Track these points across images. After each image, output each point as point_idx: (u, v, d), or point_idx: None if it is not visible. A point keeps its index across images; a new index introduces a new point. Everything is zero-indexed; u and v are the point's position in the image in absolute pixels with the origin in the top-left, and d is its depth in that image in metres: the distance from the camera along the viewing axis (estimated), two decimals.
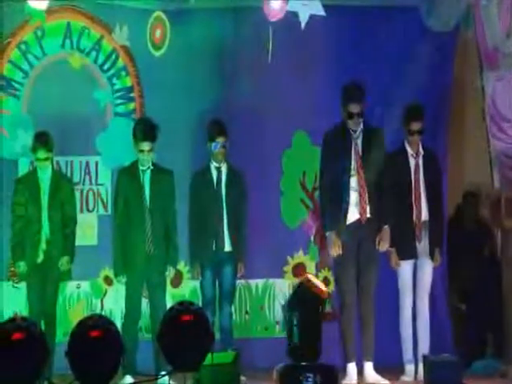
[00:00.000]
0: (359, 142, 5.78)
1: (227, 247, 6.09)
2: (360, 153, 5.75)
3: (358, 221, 5.73)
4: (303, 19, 6.08)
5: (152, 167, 5.98)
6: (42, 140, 5.92)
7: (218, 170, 6.18)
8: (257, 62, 6.61)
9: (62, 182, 6.10)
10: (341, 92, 5.78)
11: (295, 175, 6.81)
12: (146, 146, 5.89)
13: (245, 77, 6.71)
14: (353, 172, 5.72)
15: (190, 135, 6.70)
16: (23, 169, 6.57)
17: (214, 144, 6.05)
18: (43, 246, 5.92)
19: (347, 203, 5.69)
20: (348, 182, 5.71)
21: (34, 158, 6.03)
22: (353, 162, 5.73)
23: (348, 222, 5.71)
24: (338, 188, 5.74)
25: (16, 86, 6.74)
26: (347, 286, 5.71)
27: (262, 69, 6.62)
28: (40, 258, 5.89)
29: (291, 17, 6.18)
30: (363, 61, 6.56)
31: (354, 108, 5.69)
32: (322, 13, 6.17)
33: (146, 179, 5.95)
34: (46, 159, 5.95)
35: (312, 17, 6.17)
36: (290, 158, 6.81)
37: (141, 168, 5.95)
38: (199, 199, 6.12)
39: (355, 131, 5.77)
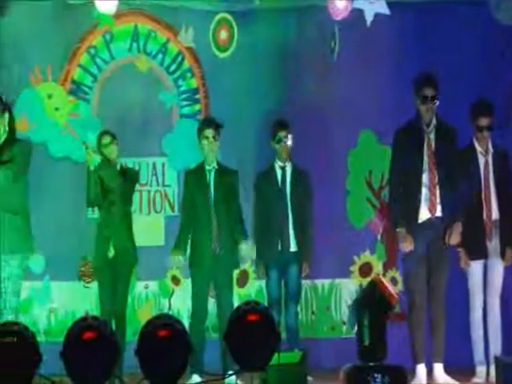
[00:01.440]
0: (432, 137, 5.65)
1: (293, 247, 6.04)
2: (433, 149, 5.63)
3: (429, 219, 5.61)
4: (368, 18, 6.01)
5: (217, 167, 5.96)
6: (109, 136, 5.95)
7: (283, 169, 6.14)
8: (321, 61, 6.55)
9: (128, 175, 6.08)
10: (413, 84, 5.64)
11: (361, 174, 6.70)
12: (209, 132, 5.84)
13: (310, 76, 6.64)
14: (425, 168, 5.60)
15: (254, 135, 6.69)
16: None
17: (277, 138, 6.03)
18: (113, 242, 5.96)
19: (418, 200, 5.58)
20: (420, 179, 5.60)
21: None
22: (425, 158, 5.60)
23: (419, 220, 5.60)
24: (409, 185, 5.63)
25: (86, 89, 6.83)
26: (417, 286, 5.58)
27: (327, 68, 6.55)
28: (111, 255, 5.92)
29: (356, 15, 6.12)
30: (429, 57, 6.43)
31: (429, 92, 5.53)
32: (386, 11, 6.10)
33: (211, 179, 5.96)
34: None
35: (377, 14, 6.10)
36: (355, 156, 6.71)
37: (207, 168, 5.94)
38: (264, 199, 6.10)
39: (428, 125, 5.63)
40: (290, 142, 6.02)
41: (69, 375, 4.43)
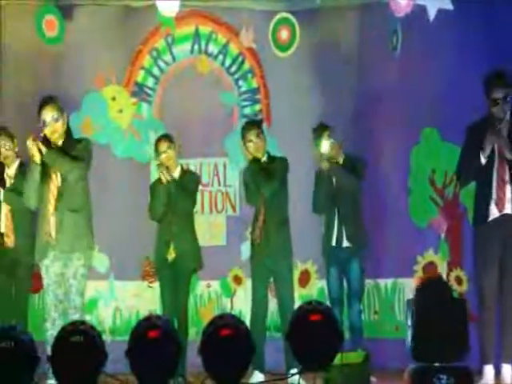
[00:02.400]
0: (505, 132, 5.50)
1: (345, 242, 5.94)
2: (505, 145, 5.47)
3: (502, 216, 5.46)
4: (431, 13, 5.91)
5: (267, 160, 5.78)
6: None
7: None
8: (384, 58, 6.48)
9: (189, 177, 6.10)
10: (483, 82, 5.50)
11: (424, 172, 6.51)
12: (252, 134, 5.70)
13: (372, 74, 6.55)
14: (495, 165, 5.45)
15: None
16: (155, 172, 6.70)
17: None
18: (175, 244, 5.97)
19: (489, 198, 5.44)
20: (491, 176, 5.46)
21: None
22: (496, 155, 5.46)
23: (490, 218, 5.46)
24: (479, 182, 5.49)
25: (148, 91, 6.89)
26: (489, 285, 5.44)
27: (389, 65, 6.46)
28: (171, 257, 5.94)
29: (418, 11, 6.02)
30: (493, 53, 6.28)
31: (499, 94, 5.38)
32: (449, 6, 5.98)
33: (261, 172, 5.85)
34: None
35: (440, 10, 5.98)
36: (418, 154, 6.53)
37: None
38: (320, 195, 6.08)
39: (501, 121, 5.47)
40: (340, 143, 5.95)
41: (134, 374, 4.46)
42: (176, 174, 5.74)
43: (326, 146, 5.75)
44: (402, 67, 6.43)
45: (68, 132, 5.23)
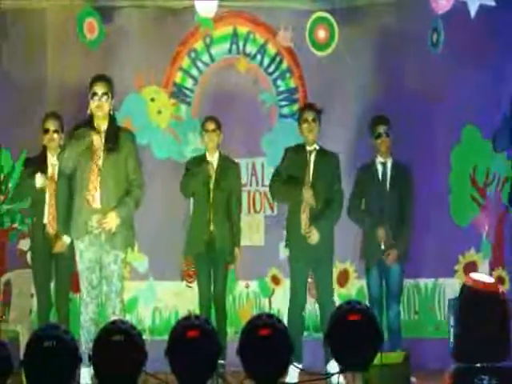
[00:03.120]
0: None
1: (390, 244, 5.85)
2: None
3: None
4: (472, 10, 5.81)
5: (318, 148, 5.86)
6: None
7: (384, 164, 6.04)
8: (424, 55, 6.40)
9: (228, 168, 6.07)
10: None
11: (465, 171, 6.43)
12: (309, 115, 5.78)
13: (412, 71, 6.47)
14: None
15: (354, 133, 6.60)
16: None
17: (377, 134, 5.93)
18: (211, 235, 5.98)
19: None
20: None
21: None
22: None
23: None
24: None
25: (187, 92, 6.91)
26: None
27: (430, 62, 6.39)
28: (207, 250, 5.94)
29: (459, 7, 5.93)
30: None
31: None
32: (491, 2, 5.88)
33: (312, 159, 5.85)
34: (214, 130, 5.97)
35: (481, 6, 5.89)
36: (459, 153, 6.44)
37: (308, 149, 5.83)
38: (364, 194, 6.01)
39: None
40: (389, 139, 5.92)
41: (173, 373, 4.46)
42: (215, 159, 5.88)
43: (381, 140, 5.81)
44: (443, 64, 6.34)
45: (112, 119, 5.29)
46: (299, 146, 5.90)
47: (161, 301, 6.73)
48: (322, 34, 6.58)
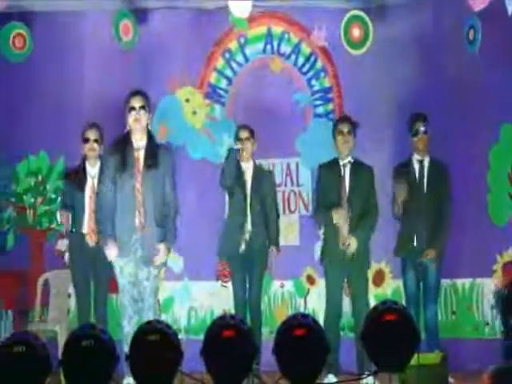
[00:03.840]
0: None
1: (427, 244, 5.82)
2: None
3: None
4: (510, 7, 5.72)
5: (352, 161, 5.83)
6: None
7: (421, 162, 5.97)
8: (460, 53, 6.32)
9: (263, 174, 6.08)
10: None
11: (503, 170, 6.28)
12: (344, 127, 5.71)
13: (449, 69, 6.38)
14: None
15: (391, 131, 6.54)
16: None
17: (414, 131, 5.87)
18: (246, 236, 5.97)
19: None
20: None
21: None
22: None
23: None
24: None
25: (221, 92, 6.92)
26: None
27: (466, 60, 6.30)
28: (242, 249, 5.93)
29: (496, 4, 5.85)
30: None
31: None
32: None
33: (346, 173, 5.82)
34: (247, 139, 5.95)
35: None
36: (497, 152, 6.30)
37: (341, 163, 5.82)
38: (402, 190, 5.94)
39: None
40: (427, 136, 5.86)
41: (209, 373, 4.45)
42: (250, 166, 5.86)
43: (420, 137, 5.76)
44: (480, 62, 6.24)
45: (150, 135, 5.31)
46: (332, 160, 5.80)
47: (196, 300, 6.73)
48: (356, 32, 6.52)
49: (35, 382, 4.26)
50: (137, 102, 5.24)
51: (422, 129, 5.86)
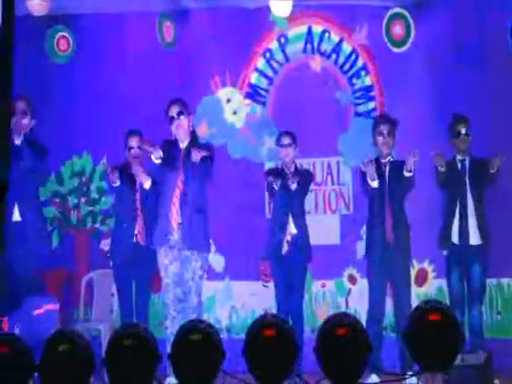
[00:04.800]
0: None
1: (473, 241, 5.75)
2: None
3: None
4: None
5: (392, 159, 5.77)
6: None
7: (462, 162, 5.89)
8: (504, 50, 6.21)
9: (302, 174, 6.06)
10: None
11: None
12: (384, 128, 5.66)
13: (491, 68, 6.25)
14: None
15: (432, 130, 6.46)
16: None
17: (456, 132, 5.80)
18: (288, 238, 5.94)
19: None
20: None
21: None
22: None
23: None
24: None
25: (262, 92, 6.89)
26: None
27: (510, 59, 6.20)
28: (284, 250, 5.91)
29: None
30: None
31: None
32: None
33: (387, 171, 5.72)
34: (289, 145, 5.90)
35: None
36: None
37: (382, 161, 5.76)
38: (444, 191, 5.87)
39: None
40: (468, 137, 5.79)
41: (251, 372, 4.43)
42: (292, 171, 5.82)
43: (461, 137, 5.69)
44: None
45: (193, 135, 5.40)
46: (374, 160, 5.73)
47: (238, 300, 6.72)
48: (398, 30, 6.45)
49: (79, 380, 4.28)
50: (174, 110, 5.39)
51: (464, 132, 5.79)
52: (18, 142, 5.58)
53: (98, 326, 6.16)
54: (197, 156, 5.31)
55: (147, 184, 5.74)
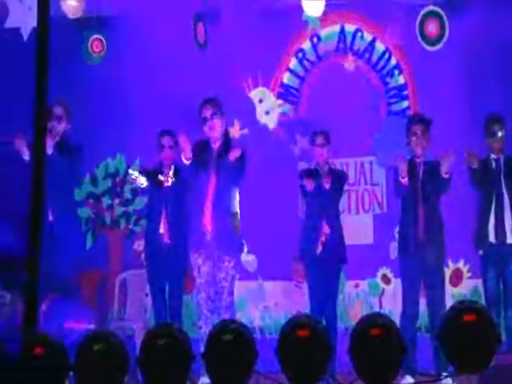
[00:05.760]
0: None
1: (510, 239, 5.62)
2: None
3: None
4: None
5: (425, 160, 5.70)
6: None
7: (497, 161, 5.81)
8: None
9: (336, 175, 6.02)
10: None
11: None
12: (418, 128, 5.57)
13: None
14: None
15: (466, 130, 6.39)
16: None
17: (491, 132, 5.73)
18: (323, 239, 5.91)
19: None
20: None
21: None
22: None
23: None
24: None
25: (294, 92, 6.88)
26: None
27: None
28: (318, 251, 5.89)
29: None
30: None
31: None
32: None
33: (420, 171, 5.69)
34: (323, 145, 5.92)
35: None
36: None
37: (416, 161, 5.62)
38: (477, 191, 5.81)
39: None
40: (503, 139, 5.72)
41: (283, 372, 4.41)
42: (325, 172, 5.77)
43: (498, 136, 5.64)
44: None
45: (226, 137, 5.36)
46: (409, 160, 5.63)
47: (270, 300, 6.70)
48: (432, 28, 6.37)
49: (114, 380, 4.29)
50: (208, 111, 5.30)
51: (499, 132, 5.72)
52: (52, 144, 5.61)
53: (132, 325, 6.18)
54: (232, 156, 5.28)
55: (174, 183, 5.74)
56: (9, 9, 5.80)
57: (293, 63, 6.81)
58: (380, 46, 6.70)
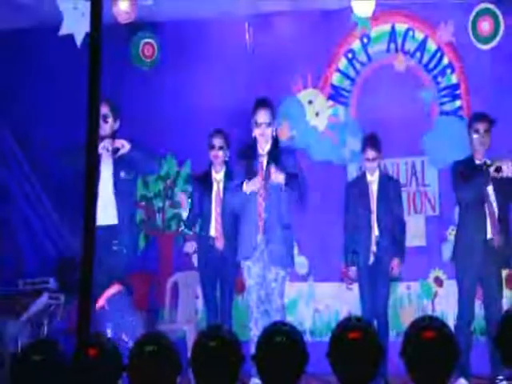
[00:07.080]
0: None
1: None
2: None
3: None
4: None
5: (488, 162, 5.58)
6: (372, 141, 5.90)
7: None
8: None
9: (389, 183, 6.01)
10: None
11: None
12: (481, 126, 5.46)
13: None
14: None
15: None
16: (351, 174, 6.62)
17: None
18: (374, 248, 5.87)
19: None
20: None
21: (363, 159, 5.99)
22: None
23: None
24: None
25: (344, 93, 6.82)
26: None
27: None
28: (371, 261, 5.85)
29: None
30: None
31: None
32: None
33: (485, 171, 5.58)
34: (374, 160, 5.90)
35: None
36: None
37: (477, 162, 5.53)
38: None
39: None
40: None
41: (334, 374, 4.38)
42: (375, 179, 5.70)
43: None
44: None
45: (275, 140, 5.28)
46: (467, 159, 5.54)
47: (321, 302, 6.66)
48: (485, 26, 6.25)
49: (166, 381, 4.31)
50: (262, 118, 5.21)
51: None
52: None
53: (183, 327, 6.20)
54: (277, 178, 5.20)
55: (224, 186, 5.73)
56: (64, 16, 5.89)
57: (342, 64, 6.74)
58: (431, 45, 6.59)
